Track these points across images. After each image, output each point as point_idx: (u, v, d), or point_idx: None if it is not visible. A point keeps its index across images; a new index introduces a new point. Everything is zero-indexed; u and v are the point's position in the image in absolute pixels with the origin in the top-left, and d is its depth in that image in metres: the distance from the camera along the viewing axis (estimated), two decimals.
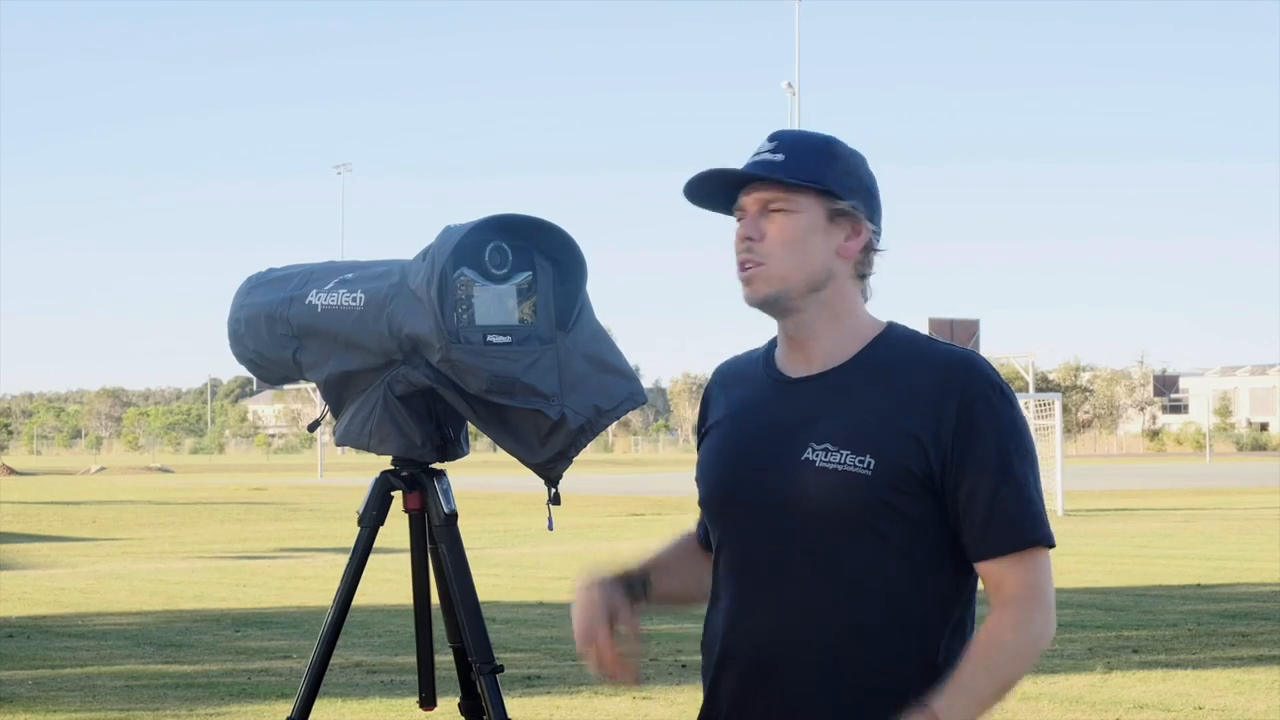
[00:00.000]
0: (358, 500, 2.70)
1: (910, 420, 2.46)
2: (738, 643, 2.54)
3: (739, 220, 2.59)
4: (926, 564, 2.48)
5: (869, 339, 2.56)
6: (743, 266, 2.55)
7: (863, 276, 2.58)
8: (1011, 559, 2.44)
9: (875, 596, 2.46)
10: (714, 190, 2.60)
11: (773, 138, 2.59)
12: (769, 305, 2.56)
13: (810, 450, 2.48)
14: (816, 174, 2.54)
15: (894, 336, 2.57)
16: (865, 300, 2.59)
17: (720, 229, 2.59)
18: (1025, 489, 2.46)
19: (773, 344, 2.66)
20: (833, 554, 2.47)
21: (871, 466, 2.45)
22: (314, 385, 2.66)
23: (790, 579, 2.49)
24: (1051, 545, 2.46)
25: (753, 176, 2.55)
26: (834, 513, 2.46)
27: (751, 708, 2.53)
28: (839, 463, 2.46)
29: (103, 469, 71.87)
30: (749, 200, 2.56)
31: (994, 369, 2.53)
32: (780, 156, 2.55)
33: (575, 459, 2.53)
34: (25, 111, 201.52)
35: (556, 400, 2.46)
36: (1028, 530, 2.45)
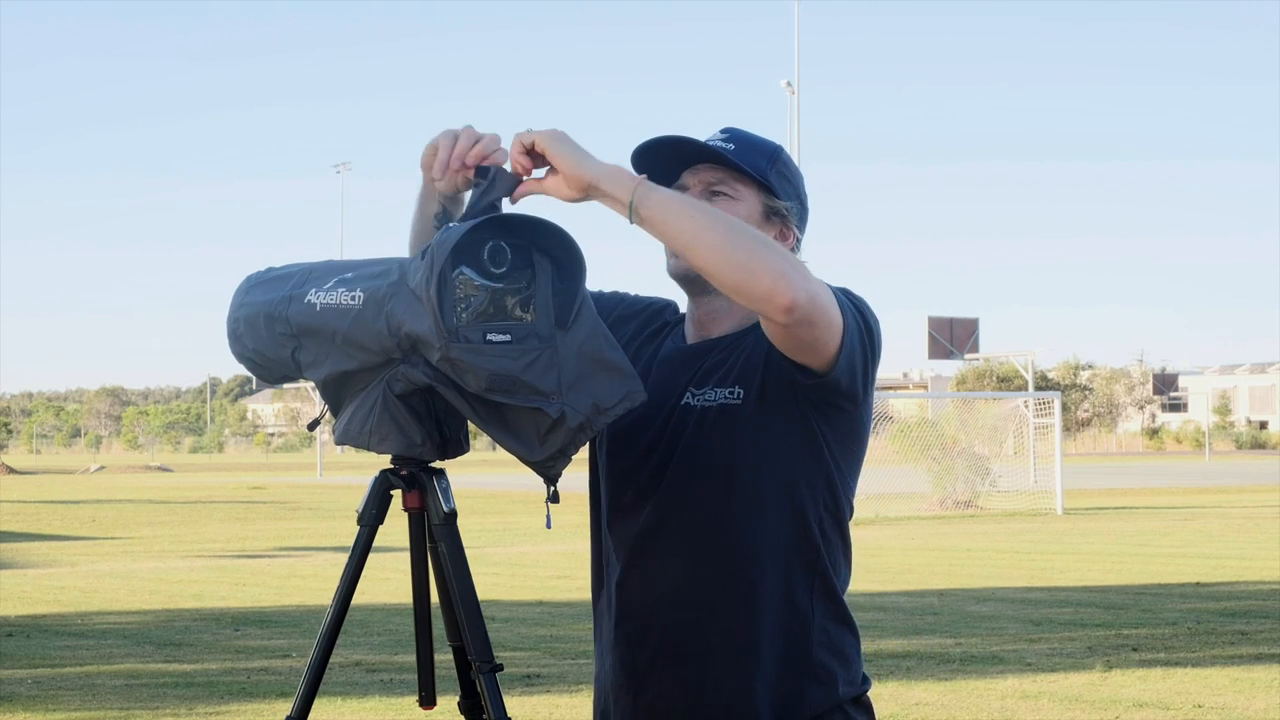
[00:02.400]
0: (357, 499, 2.70)
1: (766, 349, 2.53)
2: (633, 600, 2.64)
3: None
4: (803, 510, 2.57)
5: None
6: None
7: None
8: None
9: (764, 537, 2.55)
10: (661, 162, 2.64)
11: (725, 130, 2.66)
12: (689, 280, 2.63)
13: (690, 395, 2.60)
14: (762, 170, 2.62)
15: None
16: None
17: None
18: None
19: (675, 315, 2.79)
20: (714, 492, 2.57)
21: (741, 396, 2.56)
22: (313, 384, 2.65)
23: (681, 527, 2.58)
24: (834, 298, 2.44)
25: (707, 153, 2.61)
26: (709, 449, 2.56)
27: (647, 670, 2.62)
28: (713, 399, 2.58)
29: (102, 468, 71.84)
30: (693, 179, 2.63)
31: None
32: (731, 146, 2.63)
33: (574, 457, 2.53)
34: (25, 111, 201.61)
35: (556, 398, 2.46)
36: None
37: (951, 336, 43.73)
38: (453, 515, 2.65)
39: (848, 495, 2.64)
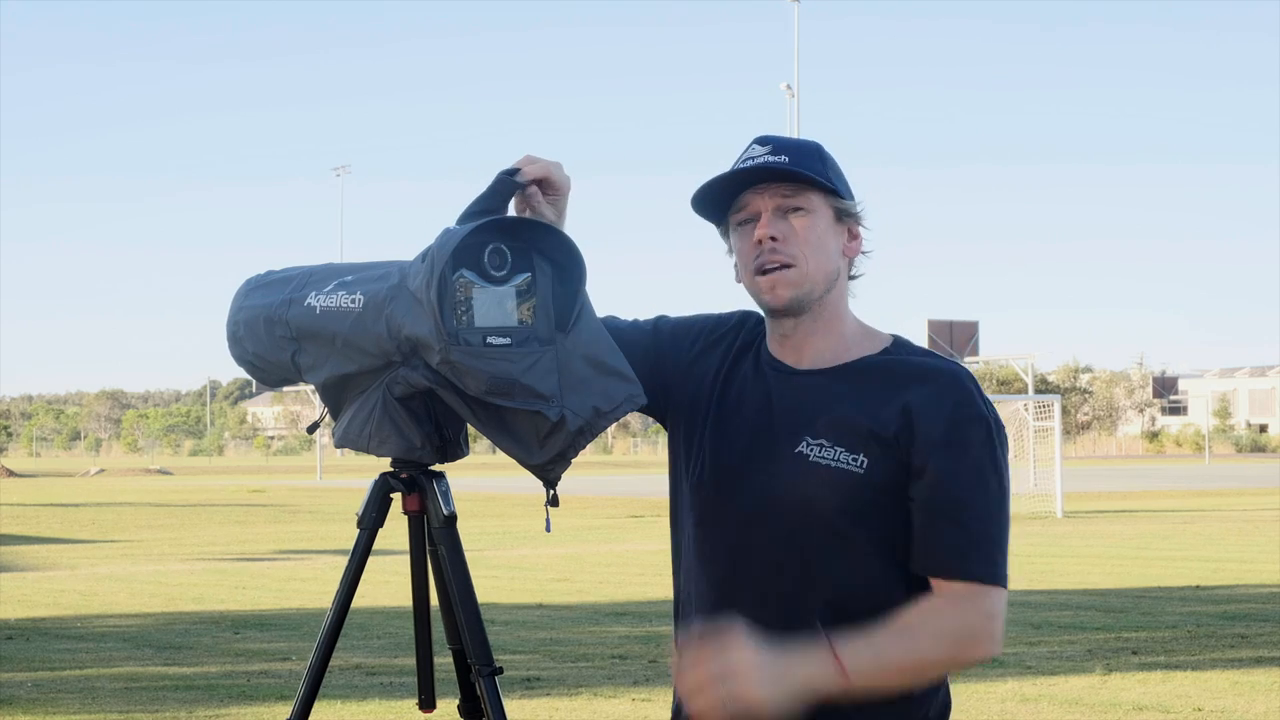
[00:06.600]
0: (357, 502, 2.70)
1: (899, 426, 2.44)
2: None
3: (739, 223, 2.52)
4: (902, 570, 2.47)
5: (868, 345, 2.54)
6: (764, 269, 2.47)
7: (852, 278, 2.57)
8: (957, 586, 2.42)
9: (858, 596, 2.45)
10: (715, 196, 2.53)
11: (764, 141, 2.52)
12: (793, 308, 2.49)
13: (805, 444, 2.46)
14: (824, 174, 2.51)
15: (896, 348, 2.55)
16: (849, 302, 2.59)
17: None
18: (988, 523, 2.43)
19: (758, 328, 2.63)
20: (817, 548, 2.45)
21: (865, 466, 2.43)
22: (313, 387, 2.66)
23: (775, 575, 2.47)
24: (1000, 585, 2.45)
25: (779, 173, 2.47)
26: (824, 508, 2.44)
27: None
28: (833, 459, 2.44)
29: (102, 471, 71.83)
30: (760, 201, 2.49)
31: (987, 400, 2.49)
32: (784, 158, 2.49)
33: (574, 460, 2.52)
34: (26, 112, 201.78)
35: (556, 401, 2.45)
36: (975, 565, 2.42)
37: (951, 339, 43.70)
38: (452, 518, 2.65)
39: None
